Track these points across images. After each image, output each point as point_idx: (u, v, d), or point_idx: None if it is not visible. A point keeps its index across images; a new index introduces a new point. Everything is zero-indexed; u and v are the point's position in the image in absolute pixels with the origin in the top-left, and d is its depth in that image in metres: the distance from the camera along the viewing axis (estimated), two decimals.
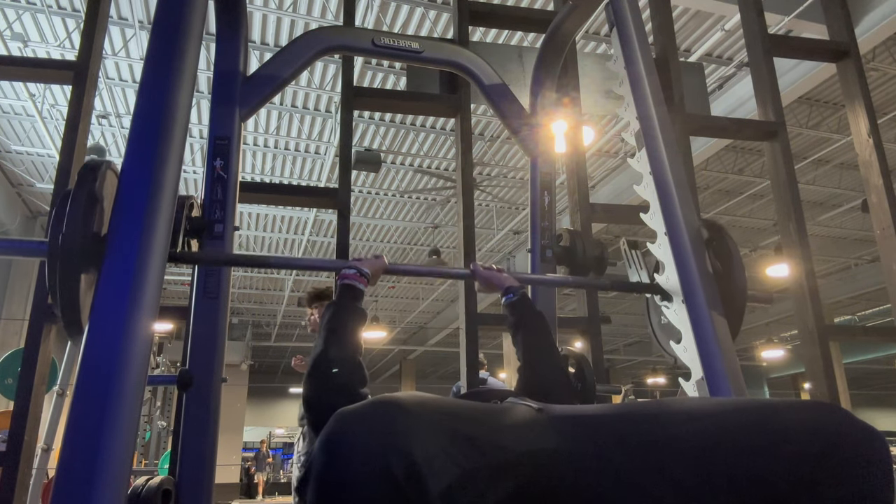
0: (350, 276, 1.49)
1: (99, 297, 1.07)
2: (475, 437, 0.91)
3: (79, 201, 1.15)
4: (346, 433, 0.92)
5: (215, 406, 1.75)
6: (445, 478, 0.83)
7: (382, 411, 0.94)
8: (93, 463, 0.93)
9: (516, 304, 1.63)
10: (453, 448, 0.87)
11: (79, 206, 1.14)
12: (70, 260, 1.12)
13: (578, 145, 2.92)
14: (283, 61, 2.05)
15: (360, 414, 0.95)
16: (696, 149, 6.52)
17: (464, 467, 0.85)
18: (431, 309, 14.78)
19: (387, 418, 0.92)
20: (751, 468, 0.81)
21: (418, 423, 0.91)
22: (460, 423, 0.95)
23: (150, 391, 7.98)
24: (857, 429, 0.81)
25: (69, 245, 1.12)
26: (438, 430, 0.91)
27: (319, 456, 0.90)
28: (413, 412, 0.94)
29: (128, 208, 1.16)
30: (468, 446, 0.88)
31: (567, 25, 2.14)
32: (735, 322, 1.63)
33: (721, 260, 1.66)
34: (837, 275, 12.63)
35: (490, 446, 0.89)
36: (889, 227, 2.87)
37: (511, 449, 0.89)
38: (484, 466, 0.86)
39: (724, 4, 5.01)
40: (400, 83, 6.52)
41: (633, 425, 0.93)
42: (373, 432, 0.89)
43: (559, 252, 2.24)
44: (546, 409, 1.02)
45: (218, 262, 1.81)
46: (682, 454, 0.85)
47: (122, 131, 7.22)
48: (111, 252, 1.12)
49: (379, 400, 0.98)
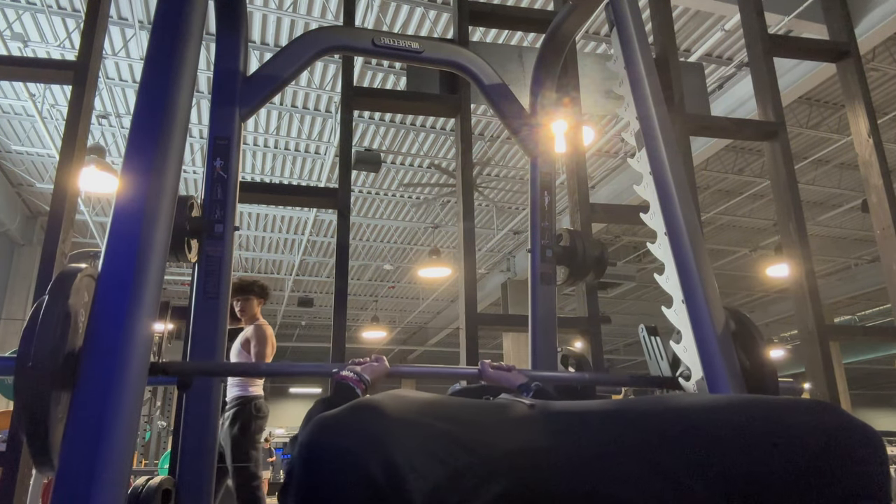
0: (349, 379, 1.40)
1: (99, 299, 1.07)
2: (462, 435, 0.89)
3: (51, 315, 1.05)
4: (324, 439, 0.89)
5: (215, 406, 1.75)
6: (431, 478, 0.81)
7: (360, 415, 0.92)
8: (93, 463, 0.93)
9: (540, 392, 1.50)
10: (438, 447, 0.86)
11: (51, 321, 1.05)
12: (41, 384, 1.02)
13: (578, 145, 2.92)
14: (283, 61, 2.05)
15: (337, 419, 0.93)
16: (696, 149, 6.52)
17: (450, 466, 0.83)
18: (431, 309, 14.77)
19: (365, 422, 0.90)
20: (747, 466, 0.81)
21: (399, 425, 0.90)
22: (446, 422, 0.93)
23: (150, 391, 7.98)
24: (854, 427, 0.81)
25: (40, 367, 1.02)
26: (421, 430, 0.89)
27: (298, 463, 0.88)
28: (393, 414, 0.92)
29: (127, 213, 1.16)
30: (454, 445, 0.87)
31: (567, 25, 2.14)
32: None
33: (748, 354, 1.57)
34: (837, 275, 12.63)
35: (478, 444, 0.88)
36: (889, 227, 2.87)
37: (501, 446, 0.88)
38: (472, 465, 0.84)
39: (724, 4, 5.01)
40: (400, 83, 6.52)
41: (628, 421, 0.93)
42: (351, 437, 0.87)
43: (559, 252, 2.24)
44: (538, 405, 1.01)
45: (201, 373, 1.72)
46: (678, 451, 0.85)
47: (122, 131, 7.22)
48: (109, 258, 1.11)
49: (356, 404, 0.96)
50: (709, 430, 0.87)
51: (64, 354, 1.07)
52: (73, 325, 1.08)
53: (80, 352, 1.06)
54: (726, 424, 0.87)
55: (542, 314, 2.20)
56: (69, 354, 1.07)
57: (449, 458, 0.84)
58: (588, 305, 2.66)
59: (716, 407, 0.94)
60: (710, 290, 1.58)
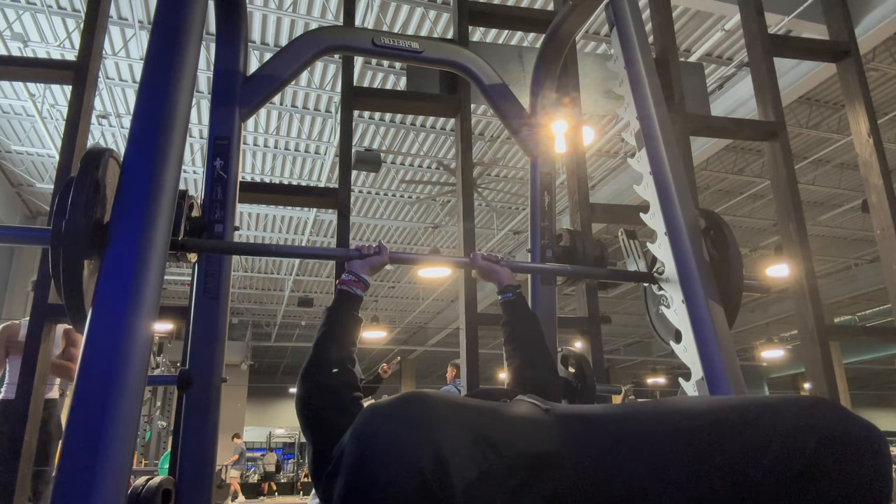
0: (348, 283, 1.50)
1: (100, 293, 1.07)
2: (492, 436, 0.94)
3: (81, 188, 1.15)
4: (378, 426, 0.95)
5: (215, 406, 1.75)
6: (468, 474, 0.86)
7: (412, 406, 0.97)
8: (93, 463, 0.93)
9: (513, 303, 1.64)
10: (474, 447, 0.91)
11: (81, 193, 1.14)
12: (73, 247, 1.12)
13: (578, 145, 2.92)
14: (283, 61, 2.05)
15: (390, 408, 0.98)
16: (696, 149, 6.52)
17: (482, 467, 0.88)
18: (431, 309, 14.77)
19: (416, 413, 0.95)
20: (749, 465, 0.81)
21: (445, 420, 0.95)
22: (480, 422, 0.98)
23: (150, 391, 7.98)
24: (854, 424, 0.81)
25: (72, 232, 1.12)
26: (461, 427, 0.94)
27: (351, 448, 0.94)
28: (440, 409, 0.97)
29: (130, 198, 1.17)
30: (486, 445, 0.92)
31: (567, 25, 2.14)
32: (732, 309, 1.64)
33: (717, 248, 1.69)
34: (837, 275, 12.62)
35: (504, 445, 0.93)
36: (889, 227, 2.87)
37: (522, 449, 0.93)
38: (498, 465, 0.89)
39: (724, 4, 5.01)
40: (400, 83, 6.52)
41: (635, 424, 0.95)
42: (404, 426, 0.92)
43: (559, 252, 2.24)
44: (553, 408, 1.05)
45: (217, 250, 1.80)
46: (682, 452, 0.86)
47: (122, 131, 7.22)
48: (113, 242, 1.12)
49: (408, 395, 1.02)
50: (711, 431, 0.88)
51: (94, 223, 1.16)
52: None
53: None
54: (729, 425, 0.88)
55: (541, 314, 2.19)
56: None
57: (481, 459, 0.90)
58: (588, 305, 2.66)
59: (718, 408, 0.95)
60: (710, 290, 1.58)
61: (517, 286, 1.68)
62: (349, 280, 1.50)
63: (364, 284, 1.51)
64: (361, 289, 1.50)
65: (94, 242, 1.15)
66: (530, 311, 1.68)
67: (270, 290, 13.71)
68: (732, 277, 1.66)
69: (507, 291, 1.66)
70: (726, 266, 1.66)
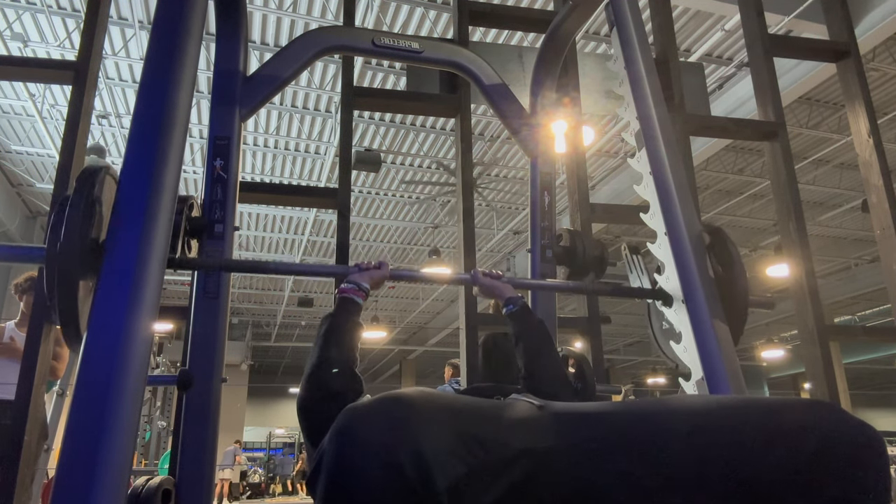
0: (348, 291, 1.49)
1: (98, 300, 1.07)
2: (479, 433, 0.93)
3: (77, 207, 1.13)
4: (356, 427, 0.94)
5: (215, 406, 1.75)
6: (452, 473, 0.85)
7: (391, 406, 0.97)
8: (93, 463, 0.93)
9: (517, 314, 1.63)
10: (459, 444, 0.90)
11: (77, 212, 1.12)
12: (68, 266, 1.11)
13: (578, 145, 2.92)
14: (283, 61, 2.05)
15: (369, 408, 0.98)
16: (696, 149, 6.52)
17: (469, 464, 0.87)
18: (431, 309, 14.77)
19: (395, 413, 0.95)
20: (748, 465, 0.81)
21: (426, 419, 0.94)
22: (465, 420, 0.97)
23: (150, 391, 7.97)
24: (854, 426, 0.81)
25: (67, 252, 1.10)
26: (444, 426, 0.93)
27: (330, 449, 0.93)
28: (420, 408, 0.96)
29: (126, 213, 1.16)
30: (473, 443, 0.91)
31: (567, 25, 2.14)
32: (737, 326, 1.62)
33: (723, 265, 1.65)
34: (837, 275, 12.62)
35: (494, 443, 0.92)
36: (889, 227, 2.87)
37: (513, 446, 0.91)
38: (488, 463, 0.88)
39: (724, 4, 5.01)
40: (400, 83, 6.52)
41: (632, 423, 0.95)
42: (382, 426, 0.92)
43: (559, 252, 2.24)
44: (547, 405, 1.04)
45: (214, 267, 1.79)
46: (680, 451, 0.86)
47: (122, 131, 7.22)
48: (109, 258, 1.11)
49: (387, 396, 1.01)
50: (710, 430, 0.87)
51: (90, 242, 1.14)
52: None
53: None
54: (727, 425, 0.87)
55: (542, 314, 2.19)
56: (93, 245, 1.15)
57: (468, 457, 0.88)
58: (588, 306, 2.66)
59: (717, 408, 0.95)
60: (710, 290, 1.58)
61: (520, 297, 1.67)
62: (349, 288, 1.50)
63: (364, 293, 1.51)
64: (362, 297, 1.50)
65: (90, 262, 1.13)
66: (535, 320, 1.65)
67: (270, 290, 13.71)
68: (737, 294, 1.62)
69: (509, 304, 1.65)
70: (731, 281, 1.62)
